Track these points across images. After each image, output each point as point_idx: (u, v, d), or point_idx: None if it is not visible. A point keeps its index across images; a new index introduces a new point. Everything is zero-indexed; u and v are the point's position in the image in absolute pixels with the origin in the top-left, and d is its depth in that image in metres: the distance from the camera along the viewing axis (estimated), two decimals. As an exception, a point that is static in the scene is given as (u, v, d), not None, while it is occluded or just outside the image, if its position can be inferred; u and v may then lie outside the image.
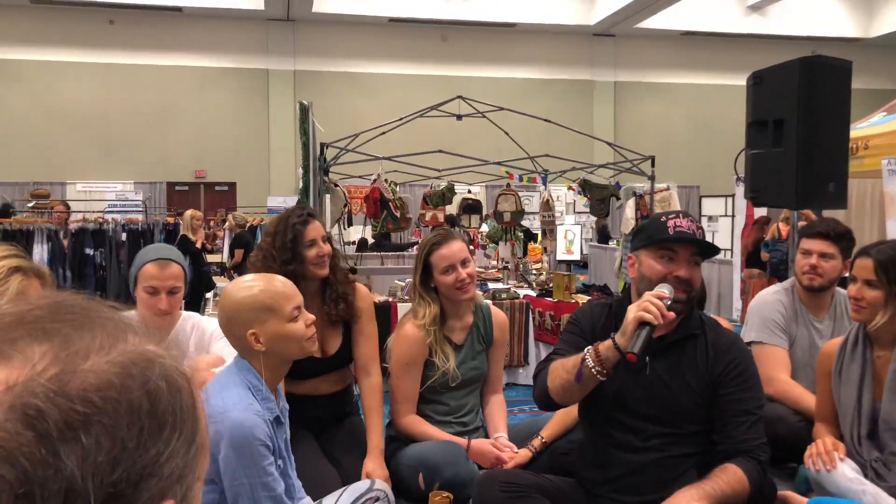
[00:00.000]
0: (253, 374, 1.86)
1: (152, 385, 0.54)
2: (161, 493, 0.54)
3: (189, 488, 0.57)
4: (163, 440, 0.54)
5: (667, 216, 2.11)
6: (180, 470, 0.55)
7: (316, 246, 2.62)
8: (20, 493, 0.47)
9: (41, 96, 16.11)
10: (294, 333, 1.89)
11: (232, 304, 1.88)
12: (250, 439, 1.75)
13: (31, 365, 0.52)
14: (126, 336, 0.57)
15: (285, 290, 1.91)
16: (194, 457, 0.57)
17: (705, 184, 17.36)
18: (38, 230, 6.39)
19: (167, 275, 2.38)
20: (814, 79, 3.20)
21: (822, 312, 2.98)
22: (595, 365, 1.95)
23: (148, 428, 0.53)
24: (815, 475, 2.31)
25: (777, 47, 17.81)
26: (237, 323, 1.87)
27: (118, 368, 0.53)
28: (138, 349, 0.56)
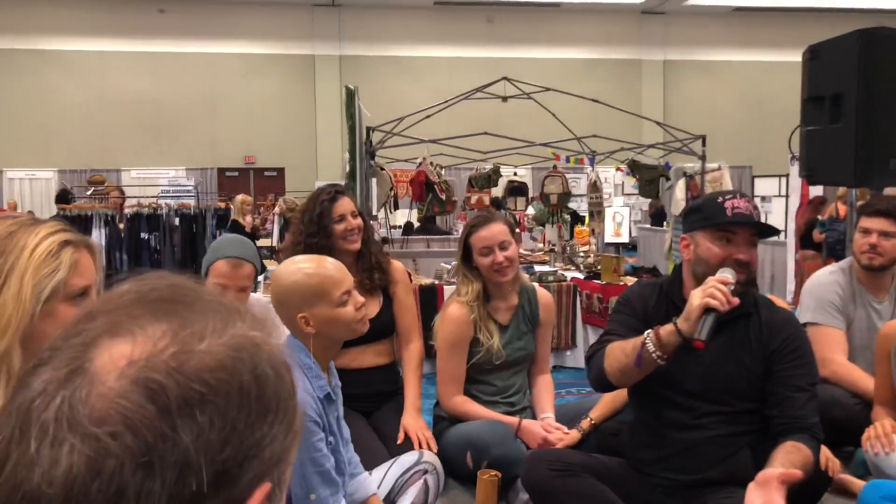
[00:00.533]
0: (304, 352, 1.89)
1: (260, 370, 0.56)
2: (261, 475, 0.55)
3: (283, 472, 0.59)
4: (267, 424, 0.56)
5: (723, 196, 2.08)
6: (279, 454, 0.57)
7: (344, 221, 2.74)
8: (141, 462, 0.49)
9: (95, 85, 16.52)
10: (343, 318, 1.90)
11: (282, 288, 1.91)
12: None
13: (152, 342, 0.54)
14: (235, 321, 0.59)
15: (334, 275, 1.91)
16: (291, 442, 0.59)
17: (758, 164, 16.92)
18: (96, 216, 6.58)
19: (238, 275, 2.41)
20: (874, 51, 3.08)
21: (881, 293, 2.89)
22: (656, 349, 1.94)
23: (255, 411, 0.55)
24: (872, 458, 2.26)
25: (834, 21, 17.17)
26: (287, 307, 1.89)
27: (231, 351, 0.55)
28: (247, 335, 0.58)
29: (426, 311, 5.44)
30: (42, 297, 1.58)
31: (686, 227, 2.17)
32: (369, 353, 2.73)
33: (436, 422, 2.77)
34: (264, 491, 0.55)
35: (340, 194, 2.81)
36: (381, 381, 2.77)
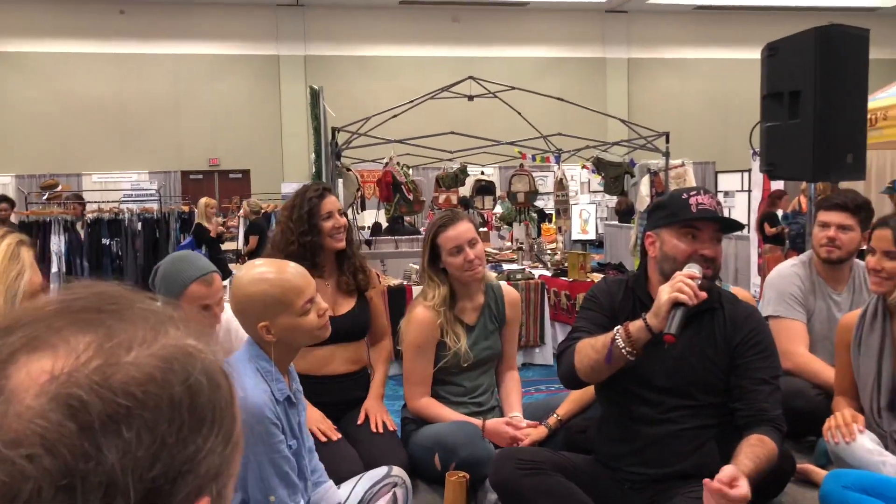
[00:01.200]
0: (264, 357, 1.86)
1: (193, 381, 0.54)
2: (198, 490, 0.53)
3: (224, 486, 0.57)
4: (201, 437, 0.53)
5: (687, 193, 2.09)
6: (217, 467, 0.55)
7: (332, 218, 2.72)
8: (61, 485, 0.47)
9: (55, 88, 16.20)
10: (306, 326, 1.87)
11: (243, 296, 1.85)
12: (259, 417, 1.75)
13: (75, 356, 0.51)
14: (167, 329, 0.56)
15: (297, 284, 1.86)
16: (230, 454, 0.57)
17: (721, 159, 17.17)
18: (55, 221, 6.44)
19: (216, 288, 2.37)
20: (830, 48, 3.14)
21: (840, 285, 2.94)
22: (626, 345, 1.95)
23: (188, 424, 0.52)
24: (834, 448, 2.29)
25: (793, 19, 17.49)
26: (248, 315, 1.86)
27: (160, 362, 0.53)
28: (179, 343, 0.56)
29: (395, 312, 5.42)
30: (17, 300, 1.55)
31: (651, 224, 2.19)
32: (339, 357, 2.70)
33: (403, 424, 2.76)
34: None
35: (328, 191, 2.80)
36: (352, 388, 2.74)
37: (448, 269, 2.66)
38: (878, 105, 6.43)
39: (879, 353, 2.32)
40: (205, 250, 7.73)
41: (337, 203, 2.79)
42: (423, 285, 2.75)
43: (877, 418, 2.30)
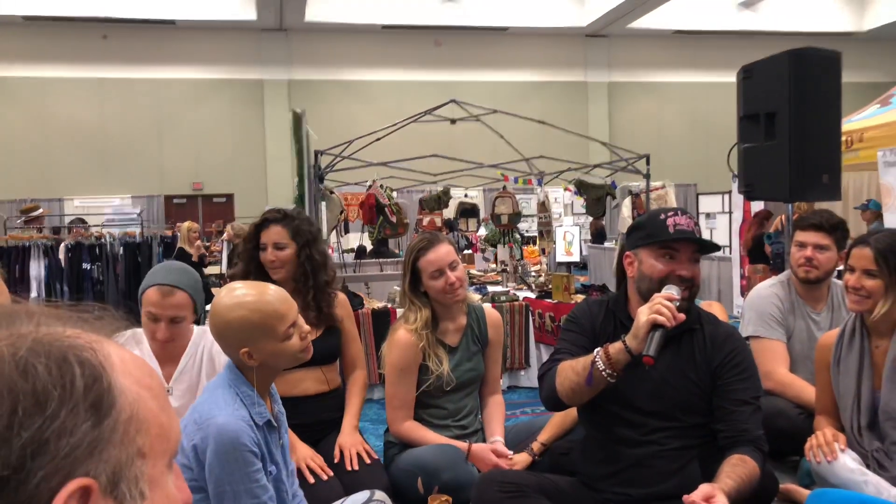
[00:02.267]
0: (242, 381, 1.83)
1: (24, 362, 0.52)
2: (62, 472, 0.51)
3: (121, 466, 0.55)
4: (46, 416, 0.52)
5: (665, 213, 2.11)
6: (87, 446, 0.53)
7: (266, 250, 2.71)
8: None
9: (36, 113, 16.12)
10: (288, 350, 1.83)
11: (222, 323, 1.80)
12: (235, 445, 1.72)
13: None
14: (11, 324, 0.56)
15: (278, 309, 1.81)
16: (114, 432, 0.55)
17: (702, 181, 17.35)
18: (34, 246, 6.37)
19: (168, 304, 2.26)
20: (804, 70, 3.19)
21: (819, 304, 2.97)
22: (606, 367, 1.95)
23: (23, 406, 0.51)
24: (816, 467, 2.29)
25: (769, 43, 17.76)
26: (228, 341, 1.81)
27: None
28: (26, 334, 0.55)
29: (379, 335, 5.39)
30: None
31: (629, 244, 2.20)
32: (310, 379, 2.67)
33: (386, 448, 2.73)
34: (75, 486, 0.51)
35: (271, 222, 2.73)
36: (324, 408, 2.70)
37: (429, 292, 2.65)
38: (853, 127, 6.54)
39: (858, 371, 2.33)
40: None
41: (275, 235, 2.70)
42: (405, 309, 2.73)
43: (858, 437, 2.31)
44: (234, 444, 1.72)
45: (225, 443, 1.71)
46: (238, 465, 1.73)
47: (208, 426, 1.73)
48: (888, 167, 5.58)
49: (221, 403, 1.77)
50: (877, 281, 2.27)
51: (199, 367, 2.43)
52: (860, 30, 18.44)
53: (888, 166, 5.58)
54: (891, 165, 5.57)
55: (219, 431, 1.72)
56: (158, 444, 0.58)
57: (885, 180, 5.64)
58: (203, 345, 2.45)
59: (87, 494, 0.52)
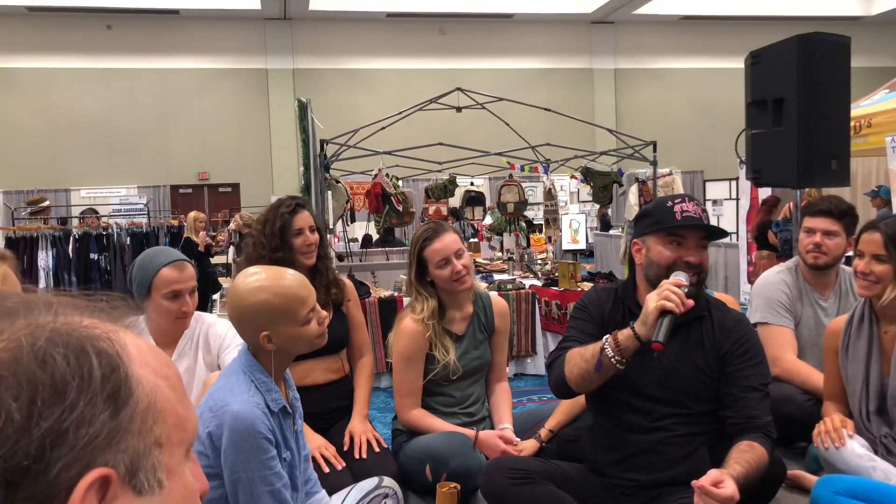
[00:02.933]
0: (258, 368, 1.83)
1: (43, 352, 0.53)
2: (81, 462, 0.52)
3: (139, 455, 0.55)
4: (65, 406, 0.52)
5: (672, 200, 2.10)
6: (106, 436, 0.53)
7: (302, 235, 2.73)
8: None
9: (42, 104, 16.15)
10: (307, 335, 1.85)
11: (243, 306, 1.81)
12: (250, 432, 1.73)
13: None
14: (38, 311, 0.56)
15: (300, 294, 1.83)
16: (131, 421, 0.55)
17: (709, 168, 17.29)
18: (42, 237, 6.39)
19: (187, 276, 2.39)
20: (812, 56, 3.17)
21: (826, 290, 2.96)
22: (615, 354, 1.96)
23: (42, 396, 0.51)
24: (824, 453, 2.29)
25: (776, 28, 17.68)
26: (249, 325, 1.82)
27: (10, 345, 0.53)
28: (44, 324, 0.55)
29: (385, 324, 5.40)
30: None
31: (637, 231, 2.20)
32: (319, 368, 2.70)
33: (394, 436, 2.75)
34: (95, 476, 0.52)
35: (301, 207, 2.79)
36: (334, 396, 2.73)
37: (436, 281, 2.65)
38: (862, 113, 6.49)
39: (867, 357, 2.32)
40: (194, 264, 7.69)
41: (309, 219, 2.78)
42: (411, 299, 2.73)
43: (866, 423, 2.31)
44: (250, 432, 1.73)
45: (240, 430, 1.72)
46: (253, 453, 1.73)
47: (224, 413, 1.74)
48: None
49: (237, 390, 1.78)
50: (886, 266, 2.26)
51: (195, 350, 2.51)
52: (868, 14, 18.28)
53: (897, 152, 5.54)
54: (899, 151, 5.52)
55: (234, 419, 1.73)
56: (175, 433, 0.59)
57: (893, 166, 5.60)
58: (199, 329, 2.53)
59: (106, 484, 0.53)
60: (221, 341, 2.53)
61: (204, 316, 2.60)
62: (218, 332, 2.54)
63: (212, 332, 2.54)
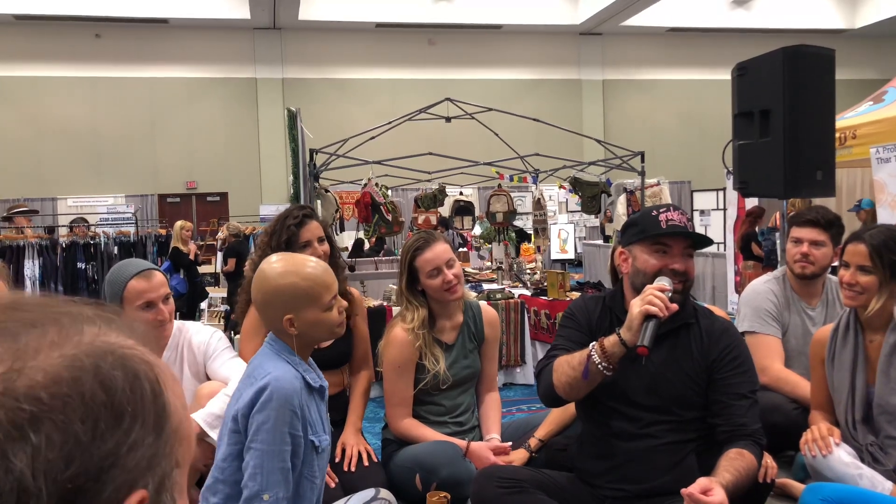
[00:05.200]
0: (288, 350, 1.87)
1: (105, 375, 0.53)
2: (128, 484, 0.53)
3: (165, 476, 0.56)
4: (122, 430, 0.53)
5: (657, 210, 2.12)
6: (148, 459, 0.54)
7: (310, 247, 2.70)
8: None
9: (29, 112, 16.06)
10: (328, 321, 1.89)
11: (271, 288, 1.86)
12: (284, 400, 1.75)
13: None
14: (82, 328, 0.56)
15: (325, 279, 1.89)
16: (166, 444, 0.57)
17: (696, 178, 17.40)
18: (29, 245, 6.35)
19: (156, 284, 2.36)
20: (798, 68, 3.21)
21: (813, 299, 2.99)
22: (601, 361, 1.97)
23: (104, 419, 0.52)
24: (811, 461, 2.31)
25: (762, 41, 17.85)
26: (274, 307, 1.86)
27: (69, 362, 0.53)
28: (94, 341, 0.55)
29: (374, 333, 5.38)
30: None
31: (624, 241, 2.21)
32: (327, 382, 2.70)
33: (384, 445, 2.74)
34: (137, 498, 0.53)
35: (308, 218, 2.76)
36: (332, 409, 2.71)
37: (427, 290, 2.66)
38: (847, 124, 6.57)
39: (853, 366, 2.35)
40: (182, 274, 7.66)
41: (317, 230, 2.75)
42: (402, 308, 2.74)
43: (852, 431, 2.33)
44: (284, 400, 1.75)
45: (276, 396, 1.74)
46: (279, 423, 1.74)
47: (264, 378, 1.77)
48: (881, 164, 5.61)
49: (277, 364, 1.82)
50: (871, 277, 2.29)
51: (180, 361, 2.50)
52: (853, 27, 18.51)
53: (881, 163, 5.61)
54: (884, 162, 5.59)
55: (274, 383, 1.76)
56: (188, 452, 0.60)
57: (878, 177, 5.66)
58: (182, 339, 2.52)
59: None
60: (206, 349, 2.52)
61: (186, 325, 2.59)
62: (201, 340, 2.53)
63: (195, 340, 2.53)
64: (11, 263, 6.28)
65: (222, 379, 2.44)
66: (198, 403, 2.37)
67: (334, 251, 2.83)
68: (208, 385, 2.44)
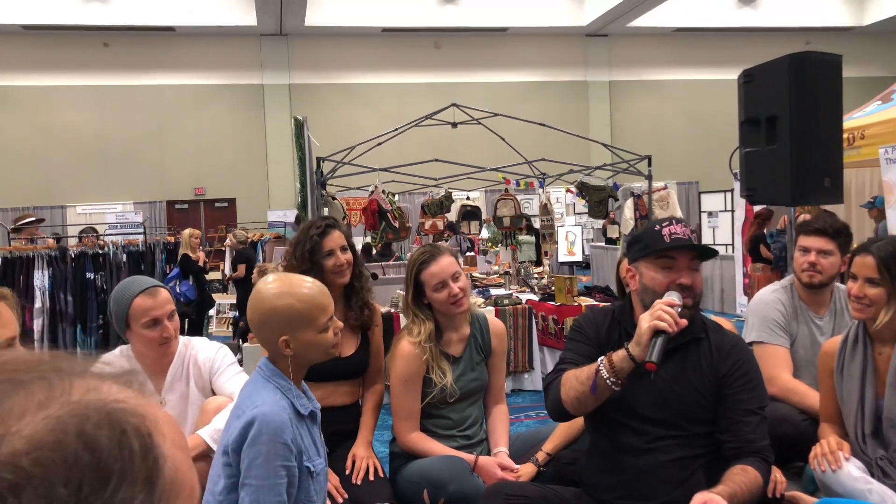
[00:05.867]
0: (280, 375, 1.87)
1: (89, 435, 0.52)
2: None
3: None
4: (109, 490, 0.51)
5: (660, 224, 2.12)
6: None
7: (334, 256, 2.74)
8: None
9: (39, 121, 16.17)
10: (324, 342, 1.89)
11: (266, 309, 1.86)
12: (275, 435, 1.74)
13: None
14: (71, 385, 0.55)
15: (321, 301, 1.89)
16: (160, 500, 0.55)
17: (704, 179, 17.34)
18: (38, 256, 6.38)
19: (162, 301, 2.38)
20: (804, 75, 3.19)
21: (822, 309, 2.97)
22: (610, 376, 1.95)
23: (89, 481, 0.51)
24: (820, 475, 2.29)
25: (769, 40, 17.84)
26: (270, 328, 1.86)
27: (53, 424, 0.52)
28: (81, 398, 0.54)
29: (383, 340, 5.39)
30: None
31: (630, 257, 2.20)
32: (341, 392, 2.73)
33: (392, 458, 2.74)
34: None
35: (331, 228, 2.79)
36: (344, 419, 2.74)
37: (433, 304, 2.66)
38: (855, 124, 6.53)
39: (862, 379, 2.33)
40: (192, 281, 7.69)
41: (340, 239, 2.77)
42: (408, 321, 2.74)
43: (862, 445, 2.31)
44: (274, 435, 1.74)
45: (266, 431, 1.74)
46: (271, 458, 1.74)
47: (252, 413, 1.76)
48: (890, 164, 5.57)
49: (264, 394, 1.81)
50: (879, 289, 2.27)
51: (186, 376, 2.51)
52: (861, 24, 18.41)
53: (890, 163, 5.57)
54: (893, 162, 5.55)
55: (262, 419, 1.75)
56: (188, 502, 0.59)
57: (886, 177, 5.63)
58: (188, 355, 2.53)
59: None
60: (211, 365, 2.53)
61: (192, 341, 2.60)
62: (207, 356, 2.55)
63: (201, 356, 2.55)
64: (21, 274, 6.32)
65: (228, 394, 2.46)
66: (204, 419, 2.38)
67: (357, 260, 2.84)
68: (214, 400, 2.45)
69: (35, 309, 6.32)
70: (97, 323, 6.55)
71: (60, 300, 6.39)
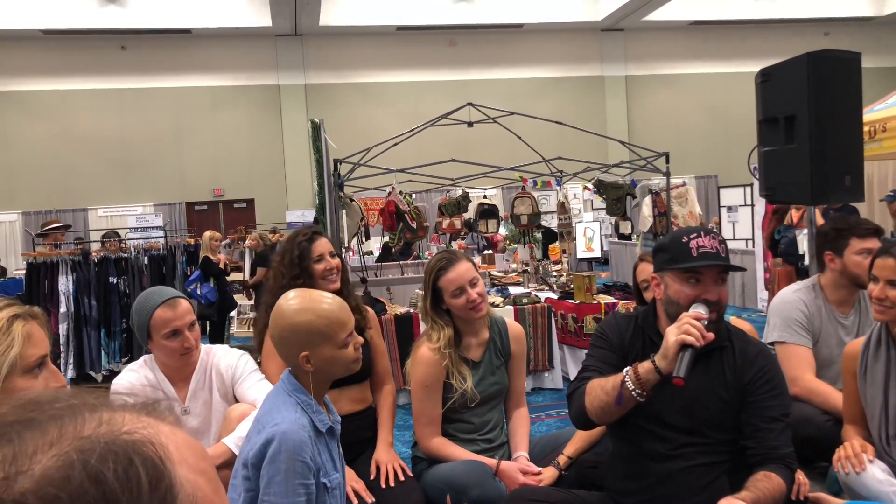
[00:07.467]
0: (301, 391, 1.88)
1: (94, 469, 0.53)
2: None
3: None
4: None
5: (688, 236, 2.08)
6: None
7: (324, 261, 2.80)
8: None
9: (58, 125, 16.37)
10: (344, 358, 1.91)
11: (287, 325, 1.88)
12: (294, 453, 1.75)
13: None
14: (83, 421, 0.56)
15: (341, 317, 1.91)
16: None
17: (723, 173, 17.21)
18: (62, 261, 6.47)
19: (182, 312, 2.41)
20: (822, 73, 3.16)
21: (847, 308, 2.95)
22: (635, 388, 1.96)
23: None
24: (844, 478, 2.28)
25: (788, 32, 17.65)
26: (290, 344, 1.88)
27: (61, 461, 0.52)
28: (92, 433, 0.55)
29: (402, 341, 5.41)
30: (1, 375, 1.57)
31: (656, 266, 2.19)
32: (345, 398, 2.72)
33: (414, 463, 2.76)
34: None
35: (318, 235, 2.87)
36: (359, 427, 2.76)
37: (452, 309, 2.67)
38: (877, 117, 6.45)
39: (885, 381, 2.31)
40: (213, 283, 7.76)
41: (328, 246, 2.85)
42: (427, 327, 2.76)
43: (886, 447, 2.30)
44: (293, 453, 1.75)
45: (285, 449, 1.75)
46: (290, 476, 1.75)
47: (272, 431, 1.78)
48: (912, 158, 5.51)
49: (283, 411, 1.83)
50: (901, 291, 2.26)
51: (209, 384, 2.55)
52: (880, 14, 18.16)
53: (912, 158, 5.51)
54: (915, 157, 5.49)
55: (282, 436, 1.76)
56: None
57: (909, 172, 5.56)
58: (210, 363, 2.56)
59: None
60: (234, 372, 2.57)
61: (214, 349, 2.64)
62: (229, 364, 2.58)
63: (223, 364, 2.58)
64: (46, 279, 6.41)
65: (251, 402, 2.49)
66: (228, 426, 2.41)
67: (344, 266, 2.91)
68: (238, 407, 2.48)
69: (60, 314, 6.41)
70: (121, 327, 6.63)
71: (84, 305, 6.48)
